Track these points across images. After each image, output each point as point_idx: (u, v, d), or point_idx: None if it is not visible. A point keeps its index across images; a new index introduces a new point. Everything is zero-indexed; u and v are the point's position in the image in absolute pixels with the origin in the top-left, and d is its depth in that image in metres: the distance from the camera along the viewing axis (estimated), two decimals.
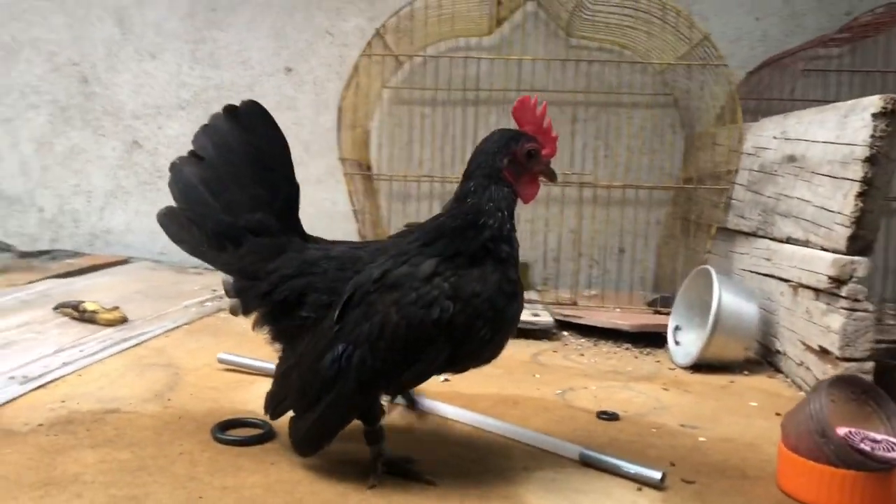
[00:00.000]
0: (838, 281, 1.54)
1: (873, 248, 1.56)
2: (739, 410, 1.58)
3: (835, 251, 1.60)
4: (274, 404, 1.19)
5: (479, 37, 2.88)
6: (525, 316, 2.19)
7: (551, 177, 1.21)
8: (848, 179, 1.58)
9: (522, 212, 2.77)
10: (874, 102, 1.54)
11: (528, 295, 2.40)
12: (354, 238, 2.95)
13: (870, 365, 1.51)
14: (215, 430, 1.27)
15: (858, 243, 1.55)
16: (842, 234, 1.57)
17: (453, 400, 1.49)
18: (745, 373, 1.89)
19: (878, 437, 1.13)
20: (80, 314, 1.94)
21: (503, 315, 1.11)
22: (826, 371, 1.58)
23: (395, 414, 1.44)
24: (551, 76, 2.85)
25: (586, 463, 1.24)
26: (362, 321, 1.09)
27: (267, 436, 1.27)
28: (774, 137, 2.04)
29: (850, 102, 1.66)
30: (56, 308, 2.01)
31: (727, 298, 1.87)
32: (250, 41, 3.03)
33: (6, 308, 2.04)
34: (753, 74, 2.78)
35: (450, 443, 1.31)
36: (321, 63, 3.01)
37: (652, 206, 2.90)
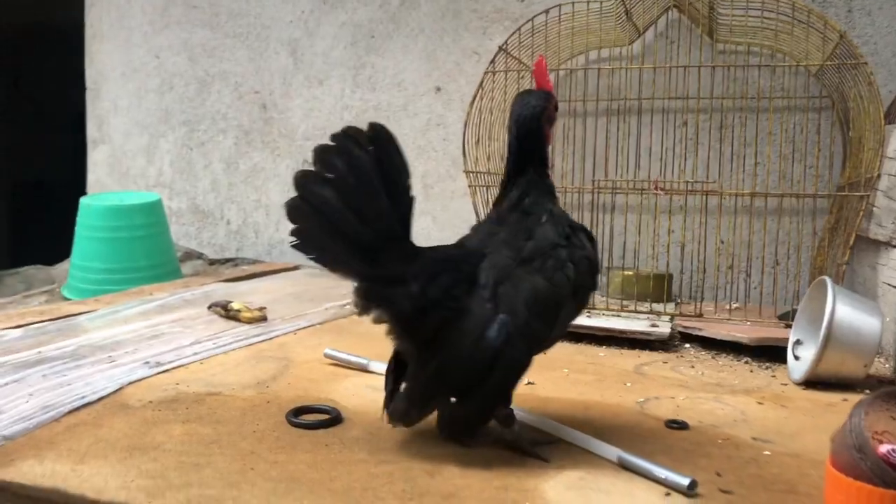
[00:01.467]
0: None
1: None
2: (830, 429, 1.48)
3: None
4: (421, 405, 1.26)
5: (620, 46, 2.88)
6: (640, 326, 2.17)
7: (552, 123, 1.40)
8: None
9: (669, 223, 2.73)
10: None
11: (656, 306, 2.39)
12: None
13: None
14: (289, 414, 1.43)
15: None
16: None
17: (527, 403, 1.54)
18: (867, 391, 1.76)
19: None
20: (226, 312, 2.20)
21: (596, 268, 1.36)
22: None
23: None
24: (698, 82, 2.78)
25: (623, 465, 1.25)
26: (514, 292, 1.23)
27: (332, 422, 1.41)
28: None
29: None
30: (209, 307, 2.28)
31: (843, 311, 1.75)
32: (405, 64, 3.24)
33: (169, 305, 2.36)
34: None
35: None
36: (468, 81, 3.14)
37: (806, 215, 2.73)
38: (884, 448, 1.08)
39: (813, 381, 1.78)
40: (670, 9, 2.77)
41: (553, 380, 1.75)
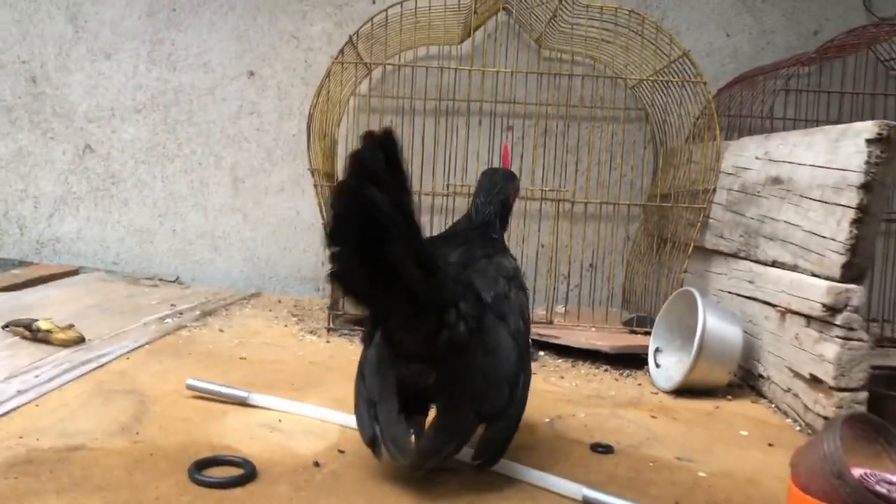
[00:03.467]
0: (833, 309, 1.52)
1: (866, 276, 1.54)
2: (732, 441, 1.55)
3: (828, 278, 1.57)
4: (464, 433, 1.18)
5: (450, 45, 2.82)
6: None
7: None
8: (841, 206, 1.55)
9: None
10: (868, 128, 1.52)
11: None
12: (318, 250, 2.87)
13: (864, 395, 1.49)
14: (192, 469, 1.18)
15: (853, 271, 1.53)
16: (836, 261, 1.55)
17: None
18: (728, 398, 1.86)
19: (894, 478, 1.10)
20: (32, 334, 1.81)
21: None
22: (817, 399, 1.56)
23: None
24: (524, 87, 2.80)
25: (589, 503, 1.18)
26: (511, 311, 1.25)
27: (247, 477, 1.18)
28: (757, 158, 2.02)
29: (840, 127, 1.64)
30: (5, 326, 1.87)
31: (712, 322, 1.83)
32: (211, 43, 2.91)
33: None
34: (724, 91, 2.78)
35: (439, 483, 1.23)
36: (285, 67, 2.90)
37: (619, 222, 2.86)
38: (857, 472, 1.12)
39: (681, 390, 1.85)
40: (499, 11, 2.77)
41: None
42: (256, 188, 2.92)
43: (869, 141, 1.51)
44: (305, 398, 1.58)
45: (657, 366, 1.98)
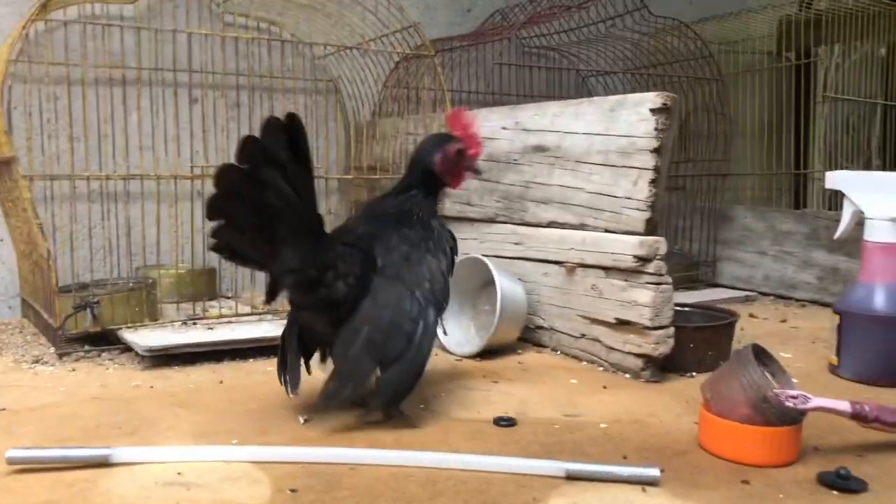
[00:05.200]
0: (644, 259, 1.72)
1: (658, 228, 1.78)
2: (577, 390, 1.67)
3: (628, 233, 1.78)
4: (356, 379, 1.34)
5: (121, 4, 2.41)
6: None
7: (476, 171, 1.56)
8: (635, 168, 1.76)
9: (192, 210, 2.42)
10: (651, 99, 1.74)
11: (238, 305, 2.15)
12: None
13: (672, 331, 1.73)
14: None
15: (651, 225, 1.75)
16: (637, 217, 1.75)
17: (343, 443, 1.29)
18: (519, 352, 1.99)
19: (793, 392, 1.32)
20: None
21: (456, 248, 1.56)
22: (628, 340, 1.76)
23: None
24: (208, 56, 2.54)
25: (573, 477, 1.19)
26: (417, 269, 1.42)
27: None
28: (505, 128, 2.16)
29: (613, 98, 1.85)
30: None
31: (504, 283, 1.93)
32: None
33: None
34: (399, 64, 2.88)
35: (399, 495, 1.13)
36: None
37: (324, 194, 2.80)
38: (775, 394, 1.31)
39: (482, 352, 1.92)
40: None
41: (321, 411, 1.48)
42: None
43: (654, 110, 1.73)
44: (159, 440, 1.29)
45: (444, 332, 2.02)
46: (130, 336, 1.83)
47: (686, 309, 2.00)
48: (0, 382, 1.63)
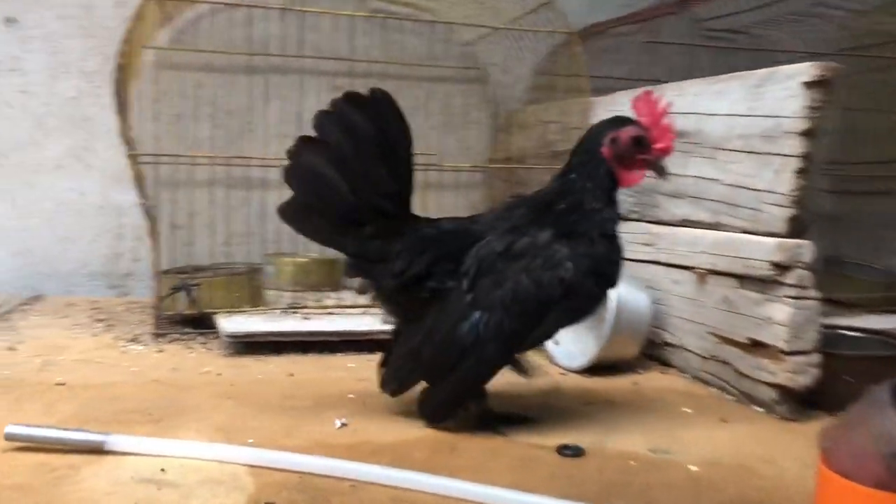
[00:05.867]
0: (782, 267, 1.39)
1: (807, 230, 1.43)
2: (685, 422, 1.38)
3: (768, 234, 1.45)
4: (400, 379, 1.27)
5: None
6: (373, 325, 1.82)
7: (659, 171, 1.25)
8: (780, 155, 1.43)
9: None
10: (805, 70, 1.40)
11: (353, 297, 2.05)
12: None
13: (817, 357, 1.39)
14: None
15: (798, 225, 1.41)
16: (778, 215, 1.43)
17: (365, 455, 1.13)
18: (639, 370, 1.71)
19: None
20: None
21: (610, 277, 1.25)
22: (761, 366, 1.43)
23: None
24: (350, 43, 2.48)
25: None
26: (493, 289, 1.21)
27: None
28: None
29: (762, 71, 1.53)
30: None
31: (624, 291, 1.67)
32: None
33: None
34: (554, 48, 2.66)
35: None
36: (57, 15, 2.32)
37: (460, 189, 2.65)
38: None
39: (591, 367, 1.67)
40: None
41: (360, 413, 1.33)
42: (24, 166, 2.32)
43: (807, 84, 1.39)
44: (178, 431, 1.19)
45: (556, 343, 1.79)
46: (222, 321, 1.78)
47: (860, 335, 1.62)
48: (83, 358, 1.63)
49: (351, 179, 1.23)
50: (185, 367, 1.60)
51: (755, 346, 1.45)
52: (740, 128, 1.55)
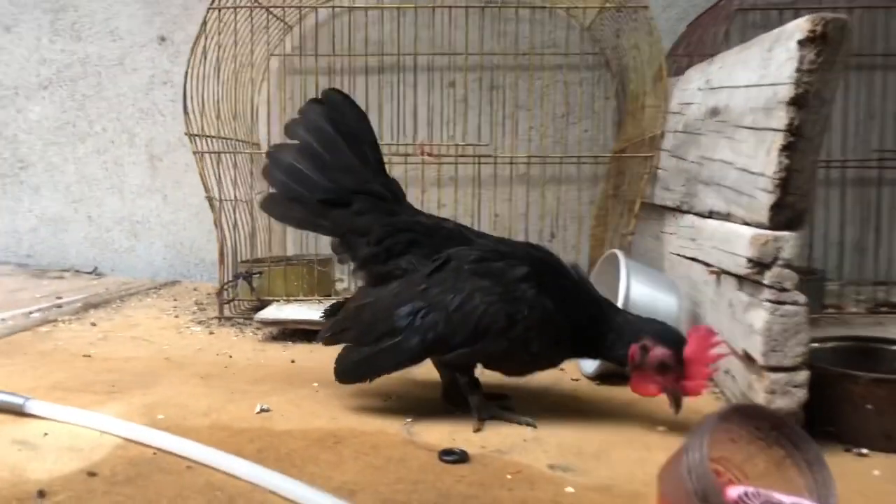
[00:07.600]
0: (759, 264, 1.16)
1: (805, 219, 1.18)
2: (638, 440, 1.21)
3: (757, 225, 1.22)
4: (334, 331, 1.33)
5: None
6: None
7: (675, 402, 1.19)
8: (771, 130, 1.19)
9: (438, 195, 2.38)
10: (799, 26, 1.15)
11: None
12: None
13: (804, 375, 1.13)
14: None
15: (784, 213, 1.17)
16: (764, 202, 1.19)
17: (259, 439, 1.13)
18: None
19: (786, 499, 0.76)
20: None
21: (556, 341, 1.24)
22: (750, 383, 1.21)
23: None
24: (466, 37, 2.46)
25: None
26: (448, 291, 1.23)
27: None
28: (699, 89, 1.66)
29: (774, 31, 1.28)
30: None
31: (639, 290, 1.49)
32: (118, 7, 2.63)
33: None
34: (692, 27, 2.41)
35: None
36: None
37: (584, 182, 2.52)
38: (734, 492, 0.78)
39: (606, 375, 1.51)
40: None
41: (294, 403, 1.35)
42: (175, 166, 2.64)
43: (801, 42, 1.14)
44: (114, 403, 1.30)
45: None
46: (272, 308, 1.89)
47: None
48: (138, 335, 1.83)
49: (321, 168, 1.35)
50: (212, 349, 1.73)
51: (747, 359, 1.23)
52: (752, 100, 1.31)
